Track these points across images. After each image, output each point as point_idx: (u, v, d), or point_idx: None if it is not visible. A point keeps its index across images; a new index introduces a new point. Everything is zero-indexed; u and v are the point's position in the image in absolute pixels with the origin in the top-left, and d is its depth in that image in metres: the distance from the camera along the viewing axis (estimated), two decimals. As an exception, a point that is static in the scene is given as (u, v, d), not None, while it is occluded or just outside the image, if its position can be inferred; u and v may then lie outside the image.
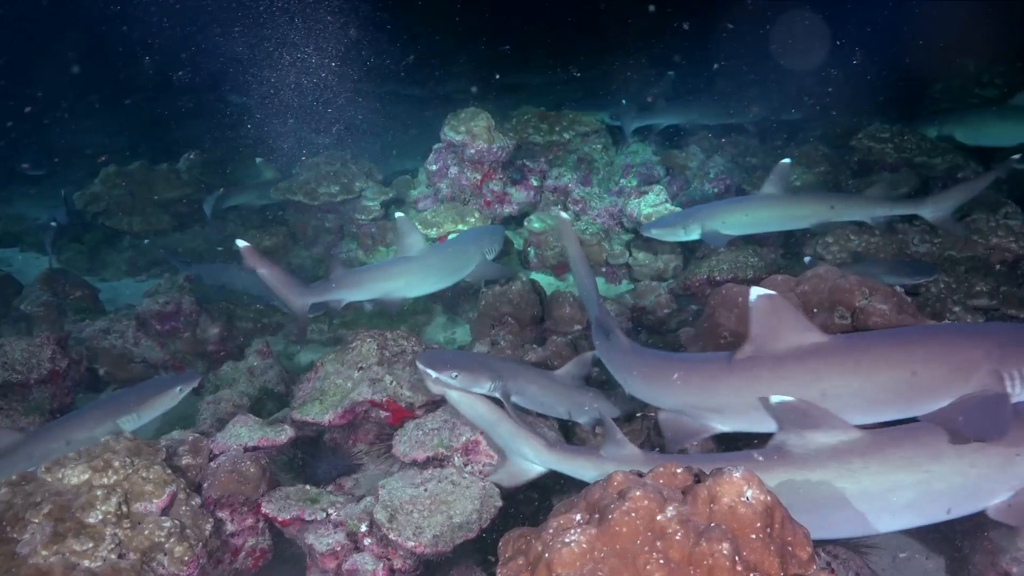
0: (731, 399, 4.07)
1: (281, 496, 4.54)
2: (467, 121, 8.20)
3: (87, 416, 5.08)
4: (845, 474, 3.46)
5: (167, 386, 5.32)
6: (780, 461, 3.56)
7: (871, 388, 3.79)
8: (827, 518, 3.51)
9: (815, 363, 3.85)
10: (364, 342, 5.12)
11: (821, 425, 3.54)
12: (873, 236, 7.03)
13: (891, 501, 3.45)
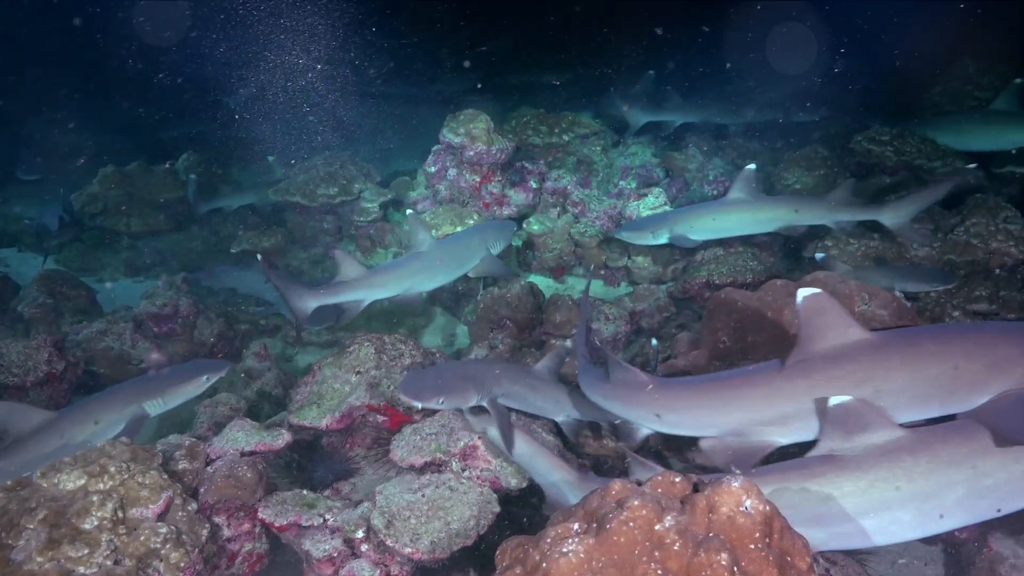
0: (792, 407, 3.87)
1: (278, 501, 4.52)
2: (466, 123, 8.18)
3: (115, 397, 5.17)
4: (898, 474, 3.39)
5: (195, 373, 5.38)
6: (832, 465, 3.49)
7: (917, 384, 3.73)
8: (883, 522, 3.44)
9: (867, 361, 3.77)
10: (362, 346, 5.10)
11: (871, 425, 3.48)
12: (872, 240, 7.01)
13: (943, 500, 3.39)
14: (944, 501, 3.37)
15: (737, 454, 3.89)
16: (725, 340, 5.30)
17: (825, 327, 3.82)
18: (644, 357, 6.39)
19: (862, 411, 3.47)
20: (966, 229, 6.80)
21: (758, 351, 5.15)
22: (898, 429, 3.48)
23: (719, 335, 5.33)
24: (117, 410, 5.07)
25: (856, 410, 3.47)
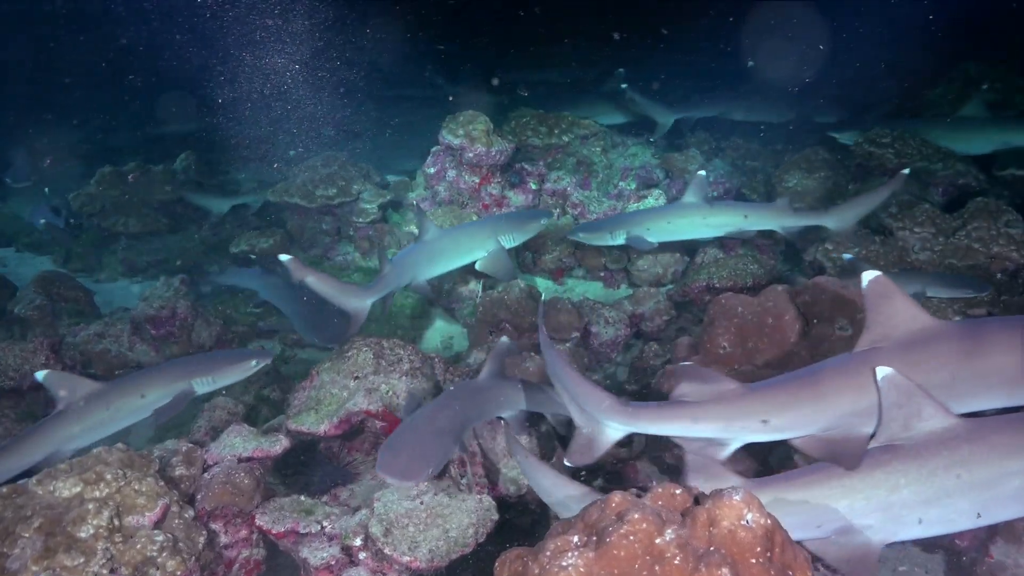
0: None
1: (275, 507, 4.49)
2: (465, 124, 8.15)
3: (164, 372, 5.32)
4: (955, 464, 3.37)
5: (244, 357, 5.52)
6: (895, 455, 3.48)
7: (987, 372, 3.69)
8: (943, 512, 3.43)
9: (940, 348, 3.72)
10: (360, 351, 5.07)
11: (928, 413, 3.46)
12: (873, 244, 6.99)
13: (1001, 490, 3.37)
14: (1001, 491, 3.36)
15: (840, 451, 3.72)
16: (725, 346, 5.27)
17: (895, 313, 3.78)
18: (644, 361, 6.37)
19: (913, 392, 3.45)
20: (967, 233, 6.78)
21: (759, 357, 5.13)
22: (955, 417, 3.46)
23: (719, 340, 5.30)
24: (165, 385, 5.20)
25: (906, 388, 3.45)
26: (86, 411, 4.96)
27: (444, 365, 5.40)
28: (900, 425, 3.49)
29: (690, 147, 11.32)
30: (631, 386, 6.31)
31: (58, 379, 4.97)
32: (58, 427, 4.91)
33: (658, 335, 7.03)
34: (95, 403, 4.99)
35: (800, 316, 5.12)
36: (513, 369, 5.72)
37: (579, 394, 4.04)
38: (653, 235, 7.41)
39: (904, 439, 3.49)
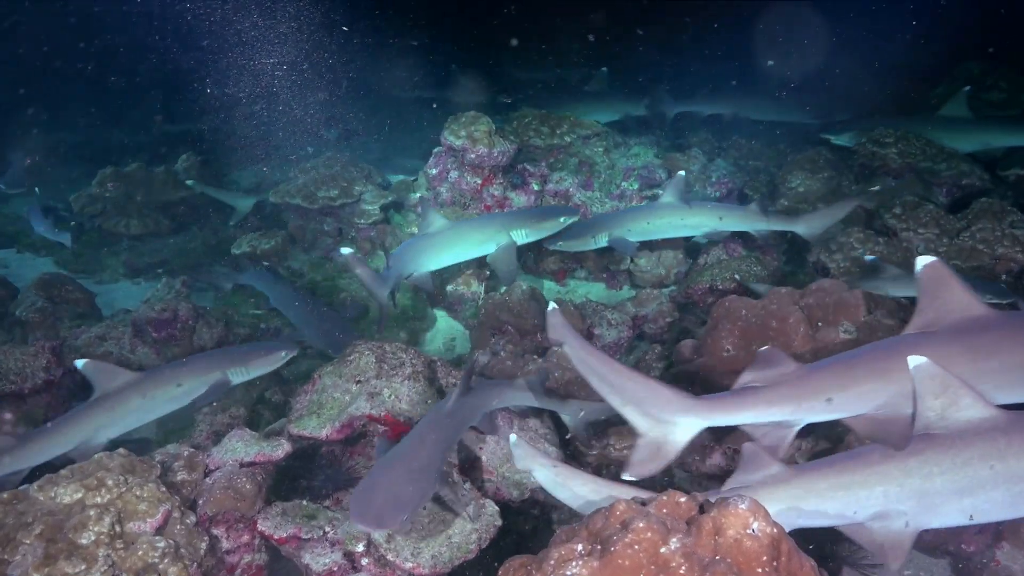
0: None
1: (277, 512, 4.47)
2: (467, 125, 8.11)
3: (200, 363, 5.48)
4: (991, 454, 3.38)
5: (274, 349, 5.74)
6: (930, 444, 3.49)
7: None
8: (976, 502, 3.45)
9: (992, 336, 3.74)
10: (362, 355, 5.05)
11: (963, 402, 3.46)
12: (877, 245, 6.95)
13: None
14: None
15: (890, 428, 3.76)
16: (729, 348, 5.24)
17: (948, 299, 3.80)
18: (647, 364, 6.35)
19: (950, 381, 3.44)
20: (972, 234, 6.75)
21: (763, 360, 5.10)
22: (994, 408, 3.47)
23: (723, 343, 5.27)
24: (201, 375, 5.36)
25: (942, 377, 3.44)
26: (123, 399, 5.11)
27: (447, 368, 5.37)
28: (936, 415, 3.50)
29: (692, 147, 11.30)
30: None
31: (96, 368, 5.14)
32: (95, 415, 5.04)
33: (661, 337, 7.00)
34: (132, 392, 5.14)
35: (805, 319, 5.09)
36: (515, 373, 5.70)
37: (640, 394, 3.83)
38: (633, 235, 7.55)
39: (941, 428, 3.49)
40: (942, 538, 4.48)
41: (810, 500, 3.60)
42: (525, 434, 4.98)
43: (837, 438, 4.69)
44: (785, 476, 3.62)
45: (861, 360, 3.97)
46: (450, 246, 7.19)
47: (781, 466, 3.65)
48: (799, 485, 3.61)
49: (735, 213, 7.62)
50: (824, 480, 3.60)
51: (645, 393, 3.82)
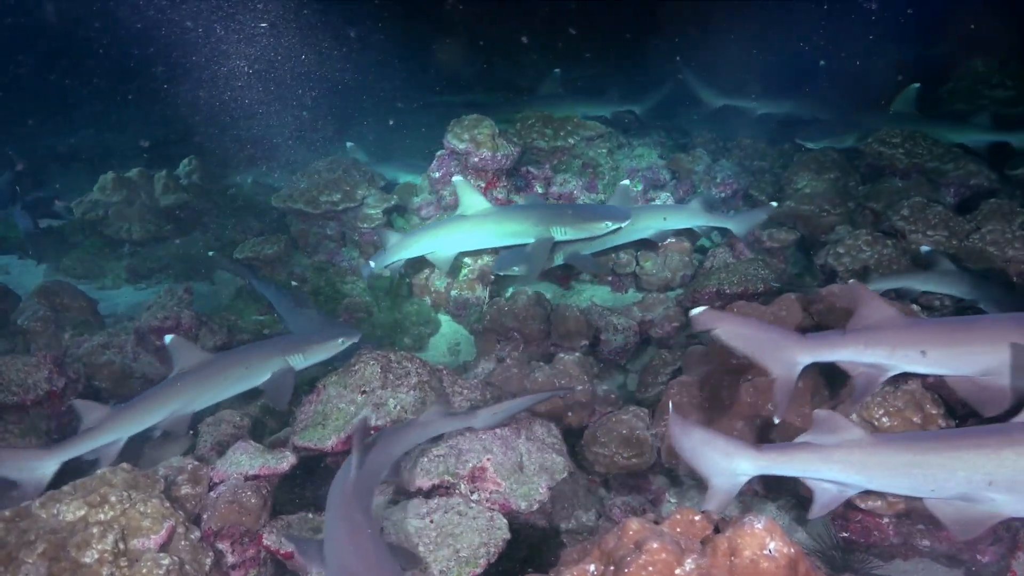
0: None
1: (283, 525, 4.43)
2: (470, 128, 8.04)
3: (264, 348, 5.92)
4: None
5: (332, 336, 6.06)
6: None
7: None
8: None
9: None
10: (367, 365, 4.99)
11: None
12: (886, 248, 6.88)
13: None
14: None
15: (987, 395, 3.95)
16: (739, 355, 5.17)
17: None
18: (655, 370, 6.28)
19: None
20: (981, 236, 6.67)
21: (772, 367, 5.03)
22: None
23: (731, 351, 5.20)
24: (265, 360, 5.72)
25: None
26: (200, 377, 5.48)
27: (452, 377, 5.31)
28: None
29: (696, 147, 11.22)
30: (642, 395, 6.22)
31: (179, 344, 5.56)
32: (180, 389, 5.41)
33: (668, 342, 6.93)
34: (208, 371, 5.53)
35: (814, 325, 5.03)
36: (521, 381, 5.65)
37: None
38: (588, 247, 7.67)
39: None
40: (956, 547, 4.42)
41: (886, 472, 3.62)
42: (532, 443, 4.92)
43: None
44: (864, 443, 3.64)
45: (963, 324, 4.26)
46: (486, 230, 7.32)
47: (861, 432, 3.68)
48: (877, 454, 3.61)
49: (678, 211, 8.08)
50: (905, 455, 3.59)
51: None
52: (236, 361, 5.70)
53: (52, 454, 4.81)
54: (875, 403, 4.46)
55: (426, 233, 7.70)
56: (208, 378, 5.49)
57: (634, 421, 5.33)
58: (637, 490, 5.44)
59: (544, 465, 4.74)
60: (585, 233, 7.29)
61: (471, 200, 7.35)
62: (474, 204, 7.35)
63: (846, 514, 4.53)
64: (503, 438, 4.78)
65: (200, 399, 5.51)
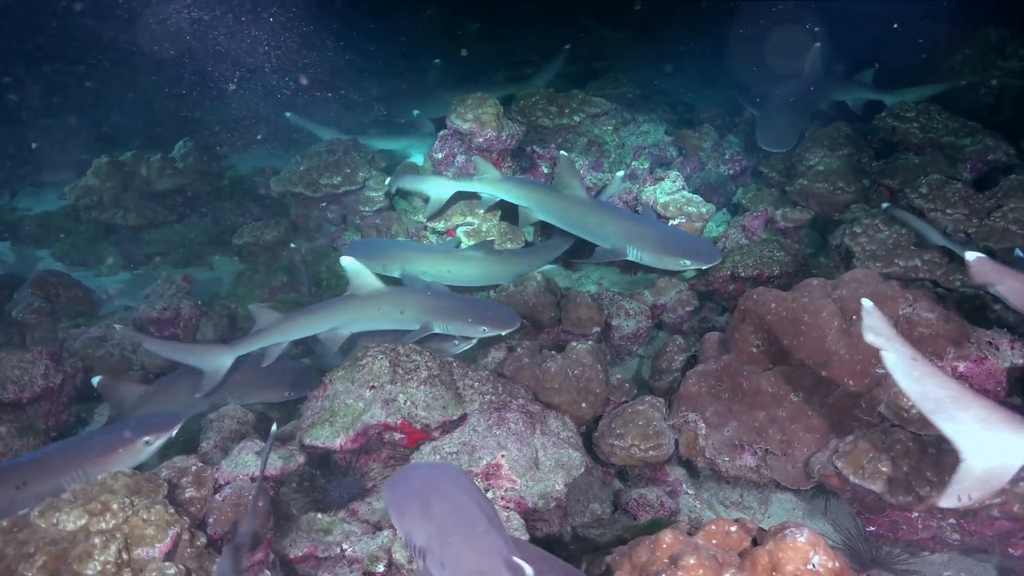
0: None
1: (292, 528, 4.29)
2: (474, 108, 7.79)
3: (420, 302, 6.10)
4: None
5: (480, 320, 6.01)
6: None
7: None
8: None
9: None
10: (375, 359, 4.81)
11: None
12: (904, 228, 6.68)
13: None
14: None
15: None
16: (758, 344, 5.01)
17: None
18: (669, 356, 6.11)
19: None
20: (1003, 215, 6.47)
21: (795, 356, 4.87)
22: None
23: (751, 339, 5.04)
24: (416, 312, 6.03)
25: None
26: (364, 303, 5.94)
27: (463, 370, 5.13)
28: None
29: (703, 123, 10.96)
30: (656, 383, 6.05)
31: (356, 269, 5.89)
32: (343, 308, 5.93)
33: (681, 327, 6.76)
34: (371, 301, 5.95)
35: (839, 312, 4.85)
36: (533, 371, 5.48)
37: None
38: (429, 276, 7.10)
39: None
40: (987, 541, 4.28)
41: None
42: (547, 437, 4.76)
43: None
44: None
45: None
46: (570, 215, 7.21)
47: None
48: None
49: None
50: None
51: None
52: (397, 303, 6.01)
53: (231, 348, 5.70)
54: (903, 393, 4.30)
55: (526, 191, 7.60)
56: (369, 307, 5.92)
57: (651, 412, 5.17)
58: (654, 482, 5.29)
59: (560, 461, 4.59)
60: (661, 265, 6.78)
61: (571, 181, 7.24)
62: (575, 188, 7.23)
63: (874, 508, 4.38)
64: (517, 433, 4.62)
65: (358, 323, 5.96)
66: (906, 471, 4.08)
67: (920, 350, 4.48)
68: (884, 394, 4.43)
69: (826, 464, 4.46)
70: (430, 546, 2.67)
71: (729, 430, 4.92)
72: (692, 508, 5.08)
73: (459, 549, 2.57)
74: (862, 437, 4.34)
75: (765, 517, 5.22)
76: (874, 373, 4.59)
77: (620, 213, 7.55)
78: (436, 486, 2.81)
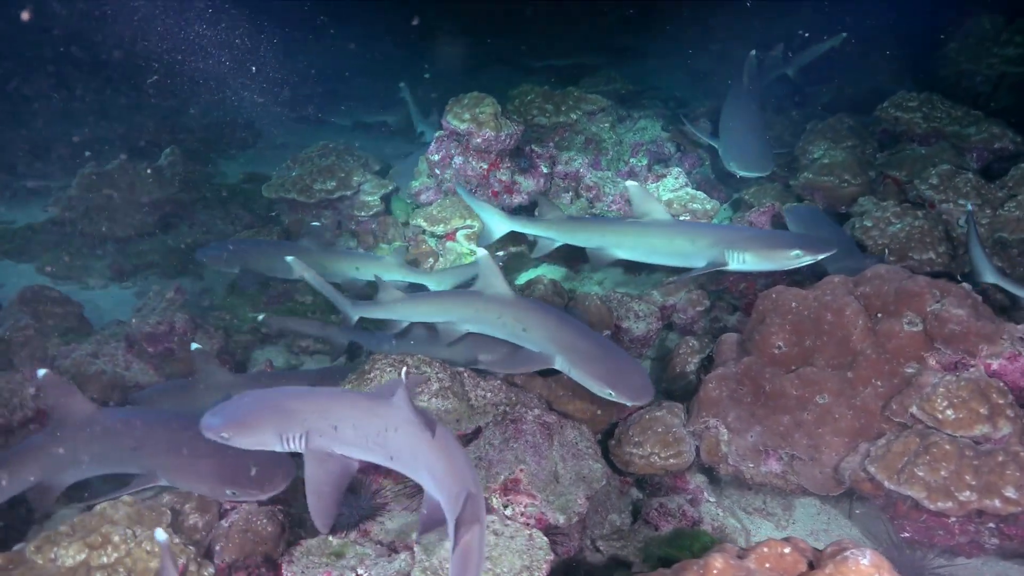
0: None
1: (303, 552, 4.06)
2: (471, 107, 7.59)
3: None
4: None
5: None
6: None
7: None
8: None
9: None
10: (384, 372, 4.60)
11: None
12: (917, 219, 6.54)
13: None
14: None
15: None
16: (780, 345, 4.83)
17: None
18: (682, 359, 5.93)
19: None
20: (1018, 204, 6.34)
21: (820, 356, 4.70)
22: None
23: (773, 339, 4.86)
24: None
25: None
26: (487, 306, 5.36)
27: (474, 380, 4.93)
28: None
29: (699, 117, 10.82)
30: (670, 386, 5.88)
31: (490, 265, 5.32)
32: (466, 304, 5.49)
33: (692, 328, 6.59)
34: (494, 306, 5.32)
35: (863, 310, 4.69)
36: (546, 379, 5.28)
37: None
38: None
39: None
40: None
41: None
42: (565, 449, 4.57)
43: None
44: None
45: None
46: (654, 242, 6.22)
47: None
48: None
49: (371, 262, 7.36)
50: None
51: None
52: (523, 318, 5.18)
53: (355, 306, 5.96)
54: (937, 394, 4.14)
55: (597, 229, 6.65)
56: (490, 312, 5.31)
57: (669, 418, 5.00)
58: (673, 490, 5.10)
59: (581, 473, 4.41)
60: (770, 266, 5.93)
61: (648, 205, 6.28)
62: (653, 210, 6.26)
63: (909, 514, 4.22)
64: (535, 446, 4.43)
65: (476, 324, 5.46)
66: (944, 476, 3.91)
67: (952, 348, 4.36)
68: (915, 395, 4.26)
69: (858, 469, 4.29)
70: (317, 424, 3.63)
71: (753, 435, 4.74)
72: (715, 516, 4.90)
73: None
74: (895, 440, 4.18)
75: (790, 523, 5.05)
76: (904, 373, 4.43)
77: (704, 227, 6.83)
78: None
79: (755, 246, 5.82)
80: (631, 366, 4.81)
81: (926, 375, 4.31)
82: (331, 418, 3.60)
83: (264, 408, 3.72)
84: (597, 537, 4.78)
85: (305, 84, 15.72)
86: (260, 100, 12.26)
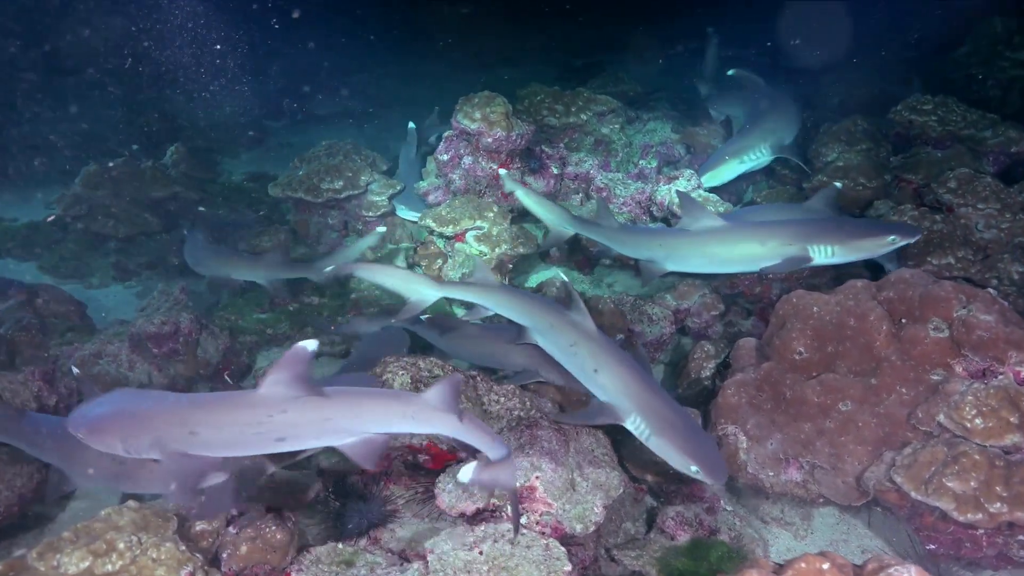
0: None
1: (312, 561, 3.97)
2: (482, 107, 7.48)
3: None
4: None
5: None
6: None
7: None
8: None
9: None
10: (395, 375, 4.49)
11: None
12: (935, 223, 6.43)
13: None
14: None
15: None
16: (801, 351, 4.72)
17: None
18: (697, 364, 5.83)
19: None
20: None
21: (843, 363, 4.59)
22: None
23: (794, 345, 4.75)
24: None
25: None
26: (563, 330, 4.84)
27: (487, 384, 4.82)
28: None
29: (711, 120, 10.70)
30: (685, 391, 5.77)
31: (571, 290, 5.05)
32: (546, 317, 4.94)
33: (706, 332, 6.48)
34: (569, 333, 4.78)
35: (886, 315, 4.57)
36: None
37: None
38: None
39: None
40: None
41: None
42: (581, 455, 4.46)
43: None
44: None
45: None
46: (720, 251, 5.71)
47: None
48: None
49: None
50: None
51: None
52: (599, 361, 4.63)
53: (440, 286, 5.35)
54: (966, 403, 4.03)
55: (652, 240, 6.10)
56: (564, 338, 4.77)
57: (686, 424, 4.87)
58: (689, 498, 4.99)
59: (598, 481, 4.28)
60: (859, 255, 5.59)
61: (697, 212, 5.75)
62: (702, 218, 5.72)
63: (936, 525, 4.11)
64: (551, 452, 4.31)
65: (546, 342, 4.93)
66: (974, 486, 3.80)
67: (980, 355, 4.24)
68: (942, 403, 4.15)
69: (883, 479, 4.18)
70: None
71: (773, 443, 4.63)
72: (732, 525, 4.79)
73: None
74: (922, 449, 4.07)
75: (808, 533, 4.94)
76: (929, 380, 4.32)
77: (769, 225, 5.96)
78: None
79: (843, 236, 5.45)
80: (709, 441, 4.40)
81: (953, 383, 4.20)
82: (188, 424, 3.42)
83: (120, 415, 3.57)
84: (612, 546, 4.67)
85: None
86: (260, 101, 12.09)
